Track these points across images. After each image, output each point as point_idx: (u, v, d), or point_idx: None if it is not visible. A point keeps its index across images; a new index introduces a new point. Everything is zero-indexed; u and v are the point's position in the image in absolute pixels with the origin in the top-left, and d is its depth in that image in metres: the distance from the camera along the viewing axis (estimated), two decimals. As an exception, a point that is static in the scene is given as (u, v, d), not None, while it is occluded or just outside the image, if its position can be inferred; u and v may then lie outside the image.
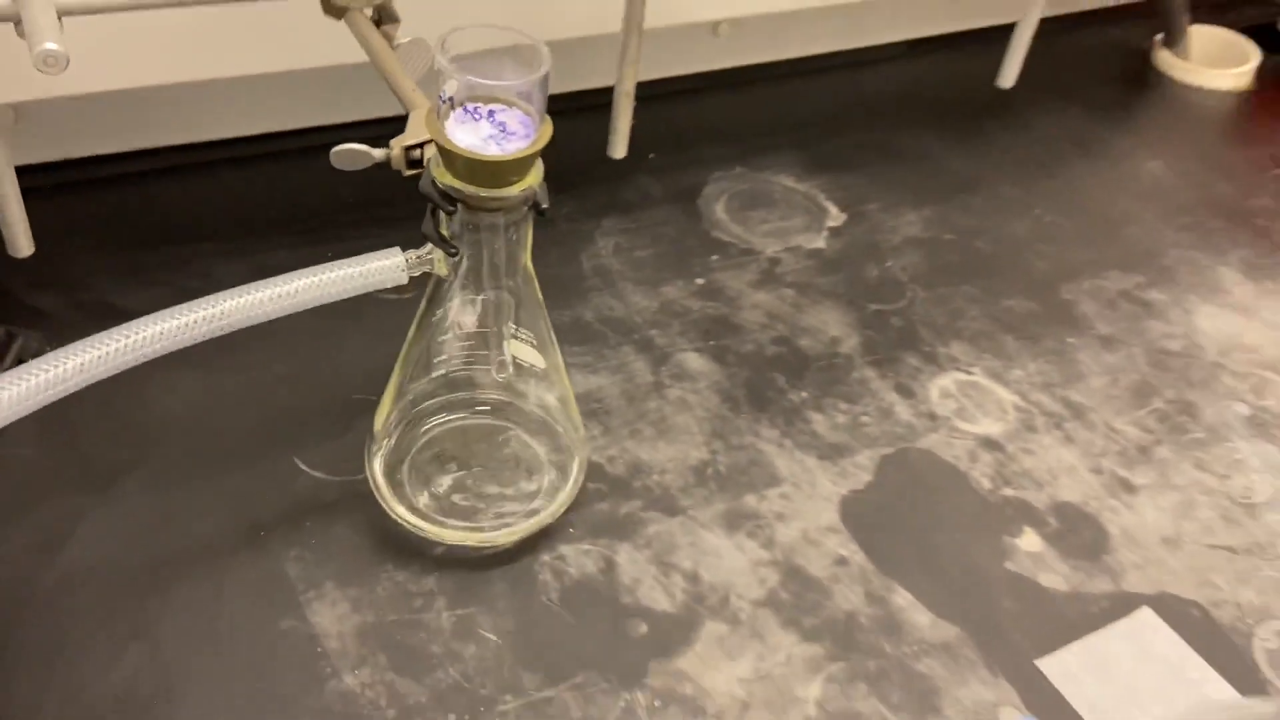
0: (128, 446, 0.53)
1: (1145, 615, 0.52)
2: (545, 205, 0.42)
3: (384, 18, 0.52)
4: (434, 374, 0.51)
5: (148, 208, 0.67)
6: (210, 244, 0.64)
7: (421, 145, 0.42)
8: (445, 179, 0.40)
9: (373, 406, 0.52)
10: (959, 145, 0.84)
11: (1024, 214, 0.78)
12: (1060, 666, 0.49)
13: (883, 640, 0.49)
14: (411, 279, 0.43)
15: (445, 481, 0.52)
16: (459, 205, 0.41)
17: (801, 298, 0.68)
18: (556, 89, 0.41)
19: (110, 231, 0.65)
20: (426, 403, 0.52)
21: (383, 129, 0.49)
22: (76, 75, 0.45)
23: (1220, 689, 0.49)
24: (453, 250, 0.42)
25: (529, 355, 0.50)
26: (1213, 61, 0.97)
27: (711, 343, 0.64)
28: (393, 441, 0.52)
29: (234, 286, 0.41)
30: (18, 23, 0.45)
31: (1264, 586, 0.54)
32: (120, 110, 0.65)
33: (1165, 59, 0.97)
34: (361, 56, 0.52)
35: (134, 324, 0.37)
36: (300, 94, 0.70)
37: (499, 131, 0.40)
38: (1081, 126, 0.89)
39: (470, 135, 0.40)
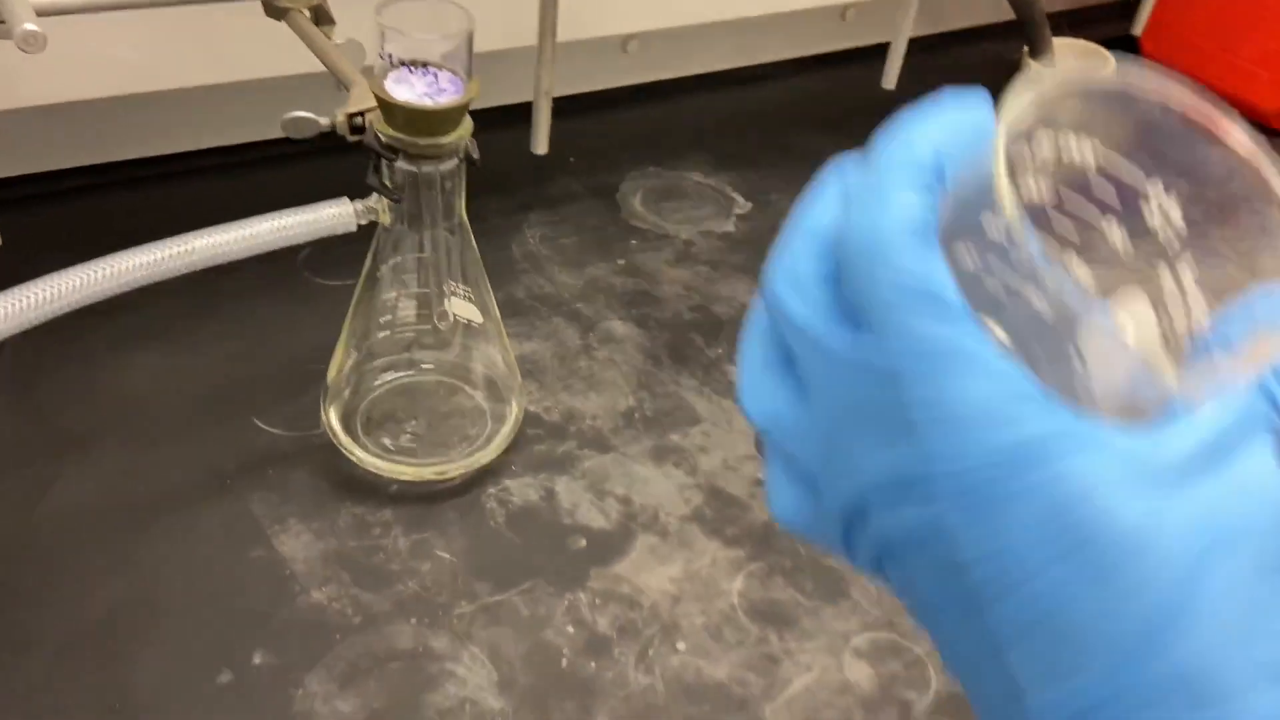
0: (95, 416, 0.57)
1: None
2: (476, 156, 0.48)
3: (320, 18, 0.58)
4: (381, 333, 0.56)
5: (107, 218, 0.71)
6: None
7: (363, 113, 0.48)
8: (387, 131, 0.46)
9: (324, 375, 0.57)
10: (851, 145, 0.92)
11: (911, 198, 0.86)
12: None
13: (796, 543, 0.55)
14: (360, 228, 0.49)
15: (396, 427, 0.57)
16: (400, 154, 0.47)
17: (714, 272, 0.75)
18: (478, 105, 0.47)
19: (72, 241, 0.69)
20: (376, 359, 0.57)
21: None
22: (44, 86, 0.50)
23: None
24: (396, 197, 0.48)
25: (467, 310, 0.56)
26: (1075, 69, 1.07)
27: (634, 311, 0.70)
28: (346, 394, 0.57)
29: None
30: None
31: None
32: (82, 124, 0.70)
33: (1034, 68, 1.08)
34: (310, 67, 0.58)
35: (116, 256, 0.42)
36: (252, 107, 0.76)
37: (432, 88, 0.46)
38: (960, 125, 0.98)
39: (407, 92, 0.46)
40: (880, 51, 1.01)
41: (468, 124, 0.48)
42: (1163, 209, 0.23)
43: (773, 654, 0.50)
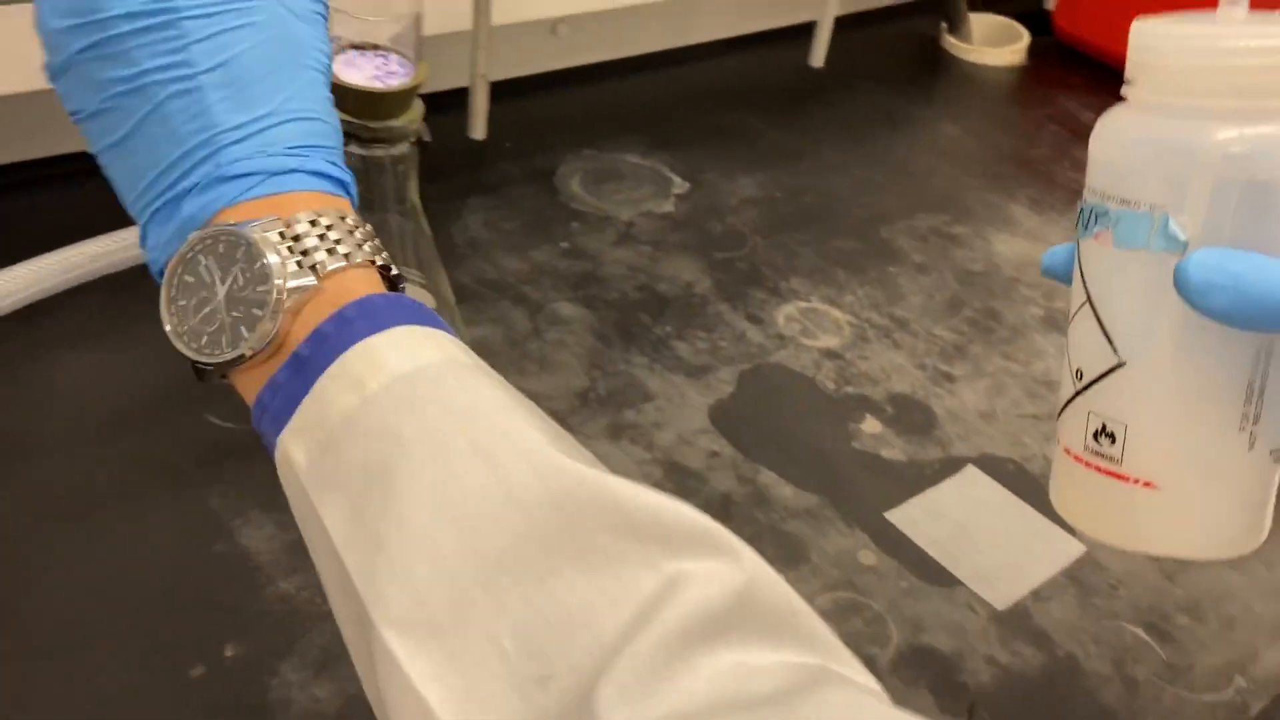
0: (33, 421, 0.56)
1: (970, 471, 0.61)
2: (428, 139, 0.48)
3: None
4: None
5: (39, 213, 0.69)
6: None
7: (311, 98, 0.48)
8: (338, 115, 0.46)
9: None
10: (782, 122, 0.94)
11: (844, 174, 0.88)
12: (904, 516, 0.58)
13: (755, 511, 0.57)
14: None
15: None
16: (351, 139, 0.47)
17: (657, 252, 0.76)
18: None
19: (24, 230, 0.67)
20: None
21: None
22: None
23: (1034, 519, 0.58)
24: (349, 183, 0.48)
25: (421, 296, 0.56)
26: (991, 42, 1.11)
27: (580, 293, 0.71)
28: (299, 384, 0.56)
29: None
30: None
31: (1065, 442, 0.64)
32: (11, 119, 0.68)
33: (951, 43, 1.11)
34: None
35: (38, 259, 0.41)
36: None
37: (382, 72, 0.46)
38: (887, 101, 1.00)
39: (358, 75, 0.46)
40: (806, 30, 1.03)
41: (418, 107, 0.48)
42: None
43: (739, 618, 0.51)
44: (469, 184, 0.80)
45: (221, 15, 0.32)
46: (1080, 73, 1.09)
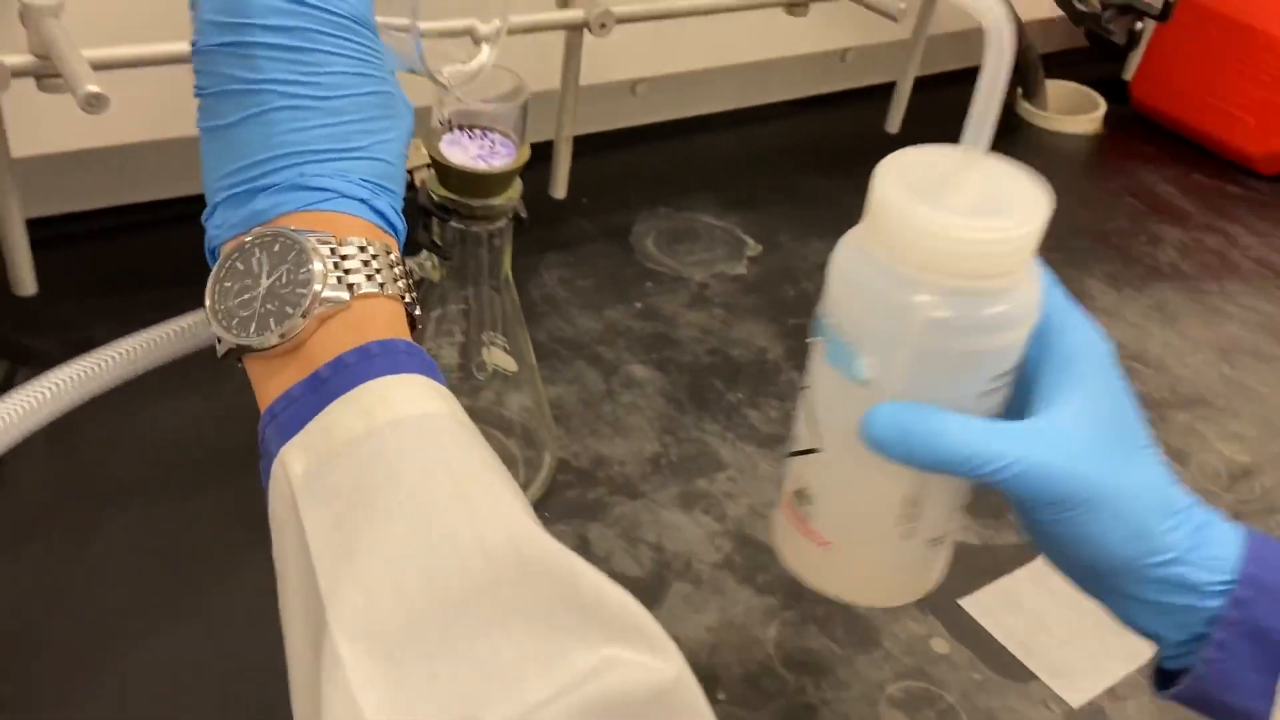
0: (133, 466, 0.57)
1: (1043, 561, 0.60)
2: (524, 215, 0.49)
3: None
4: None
5: (134, 256, 0.72)
6: (188, 288, 0.69)
7: (413, 170, 0.49)
8: (440, 192, 0.47)
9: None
10: (855, 185, 0.94)
11: (916, 241, 0.88)
12: (979, 603, 0.57)
13: (827, 591, 0.57)
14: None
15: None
16: (452, 215, 0.48)
17: (730, 315, 0.76)
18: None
19: (100, 278, 0.69)
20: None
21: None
22: (83, 131, 0.51)
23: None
24: (446, 255, 0.49)
25: (503, 360, 0.57)
26: (1067, 110, 1.10)
27: (654, 355, 0.71)
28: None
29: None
30: (39, 77, 0.50)
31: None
32: (113, 167, 0.70)
33: (1027, 109, 1.10)
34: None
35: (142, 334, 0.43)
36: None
37: (486, 151, 0.47)
38: (960, 167, 1.00)
39: (462, 155, 0.47)
40: (879, 91, 1.03)
41: (518, 185, 0.49)
42: None
43: (810, 703, 0.51)
44: (547, 240, 0.81)
45: (349, 59, 0.36)
46: (1157, 143, 1.08)
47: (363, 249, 0.35)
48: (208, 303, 0.36)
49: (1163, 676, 0.40)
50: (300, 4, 0.35)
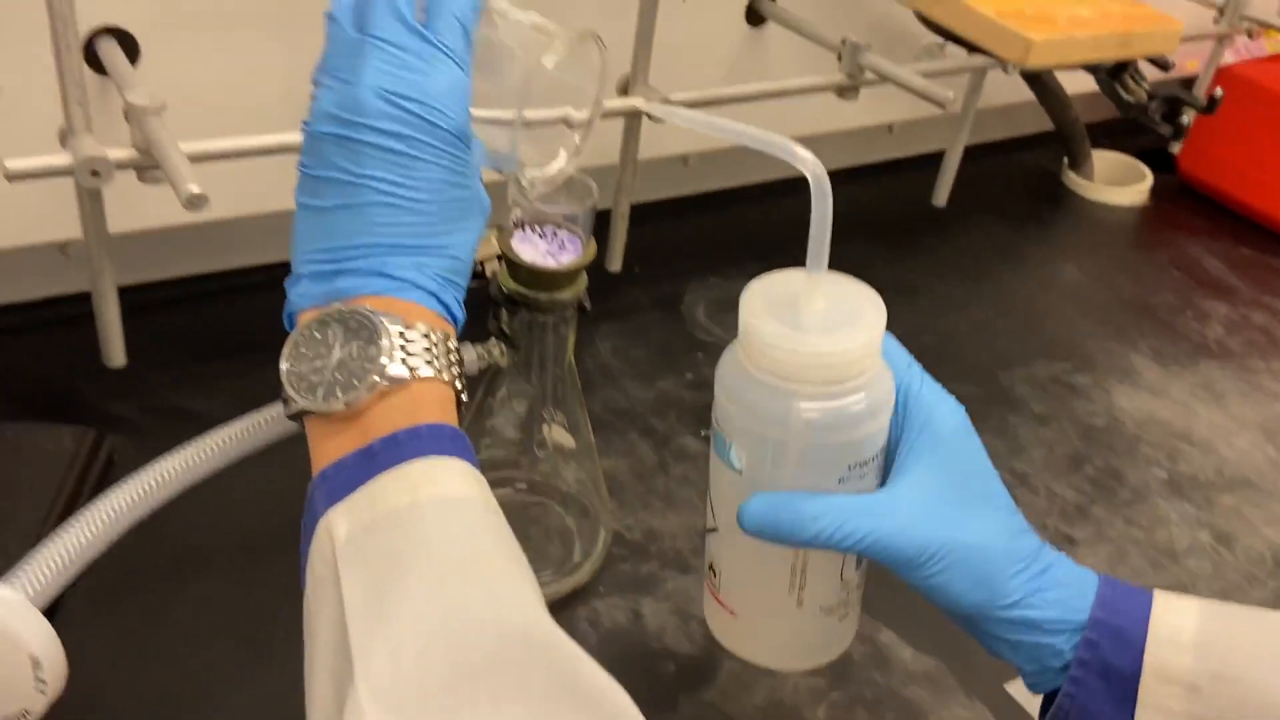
0: (214, 531, 0.60)
1: (1092, 644, 0.61)
2: (588, 306, 0.51)
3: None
4: (480, 454, 0.59)
5: (214, 323, 0.75)
6: (266, 354, 0.72)
7: (483, 261, 0.51)
8: (510, 285, 0.50)
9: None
10: (900, 255, 0.96)
11: (961, 312, 0.89)
12: (1023, 690, 0.58)
13: (874, 672, 0.58)
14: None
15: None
16: (521, 307, 0.50)
17: (778, 388, 0.78)
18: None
19: (181, 344, 0.72)
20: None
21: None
22: (175, 209, 0.54)
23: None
24: (514, 344, 0.51)
25: (563, 437, 0.59)
26: (1113, 181, 1.11)
27: (705, 428, 0.73)
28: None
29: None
30: (140, 169, 0.54)
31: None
32: (196, 238, 0.73)
33: (1073, 179, 1.12)
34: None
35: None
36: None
37: (555, 248, 0.49)
38: (1005, 237, 1.02)
39: (531, 251, 0.49)
40: (925, 161, 1.05)
41: (583, 279, 0.51)
42: None
43: (858, 787, 0.52)
44: (600, 310, 0.82)
45: (443, 168, 0.39)
46: (1204, 216, 1.09)
47: (426, 335, 0.39)
48: (284, 366, 0.39)
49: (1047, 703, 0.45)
50: (410, 114, 0.38)
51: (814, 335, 0.41)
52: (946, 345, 0.85)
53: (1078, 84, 1.04)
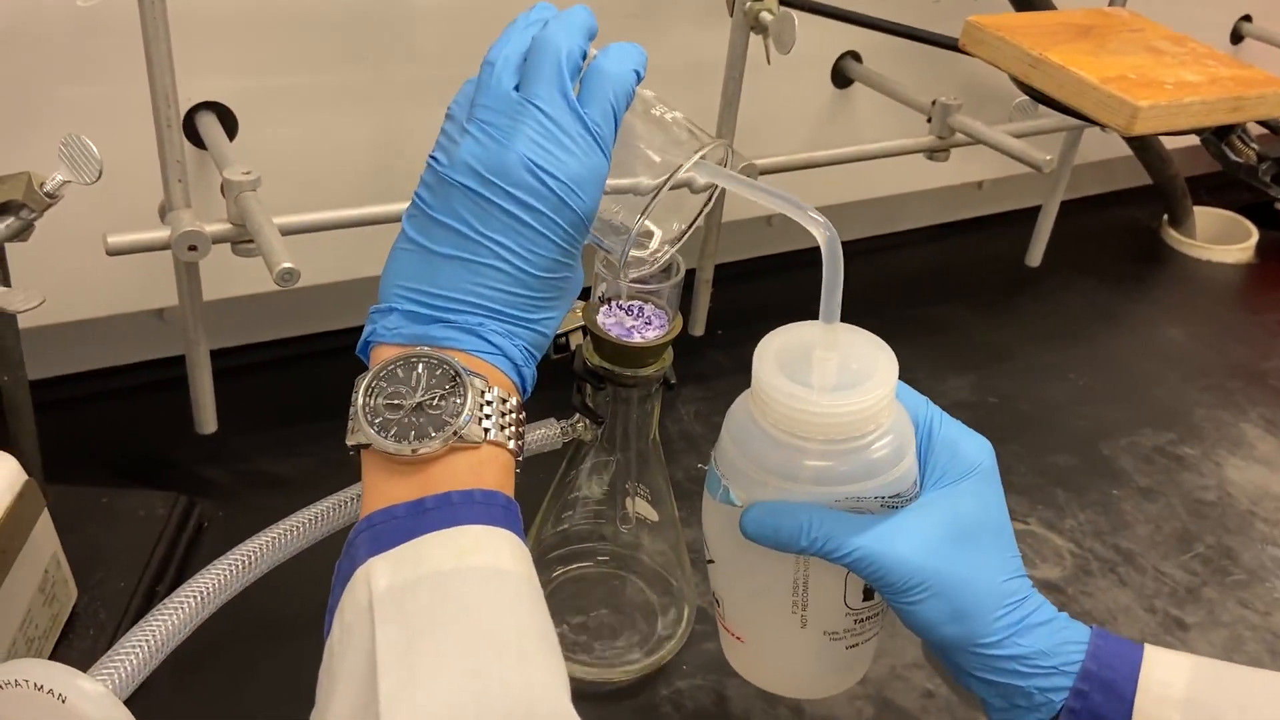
0: (294, 602, 0.60)
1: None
2: (673, 381, 0.50)
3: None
4: (564, 525, 0.58)
5: (296, 386, 0.76)
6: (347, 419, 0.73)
7: (568, 333, 0.51)
8: (595, 360, 0.49)
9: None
10: (993, 316, 0.93)
11: (1059, 378, 0.86)
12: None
13: (972, 764, 0.55)
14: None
15: (571, 621, 0.58)
16: (605, 382, 0.49)
17: (867, 457, 0.75)
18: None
19: (265, 408, 0.73)
20: (557, 550, 0.59)
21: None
22: (265, 279, 0.55)
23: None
24: (599, 419, 0.50)
25: (646, 510, 0.58)
26: (1216, 238, 1.07)
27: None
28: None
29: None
30: (235, 242, 0.55)
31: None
32: (280, 303, 0.75)
33: (1174, 237, 1.08)
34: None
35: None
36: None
37: (640, 323, 0.48)
38: (1103, 297, 0.98)
39: (617, 327, 0.48)
40: (1017, 217, 1.02)
41: (669, 354, 0.50)
42: None
43: None
44: (683, 374, 0.81)
45: (560, 247, 0.40)
46: (1316, 274, 1.04)
47: (504, 400, 0.39)
48: (360, 399, 0.38)
49: None
50: (549, 191, 0.38)
51: (825, 394, 0.41)
52: (1043, 413, 0.82)
53: (1177, 139, 1.00)
